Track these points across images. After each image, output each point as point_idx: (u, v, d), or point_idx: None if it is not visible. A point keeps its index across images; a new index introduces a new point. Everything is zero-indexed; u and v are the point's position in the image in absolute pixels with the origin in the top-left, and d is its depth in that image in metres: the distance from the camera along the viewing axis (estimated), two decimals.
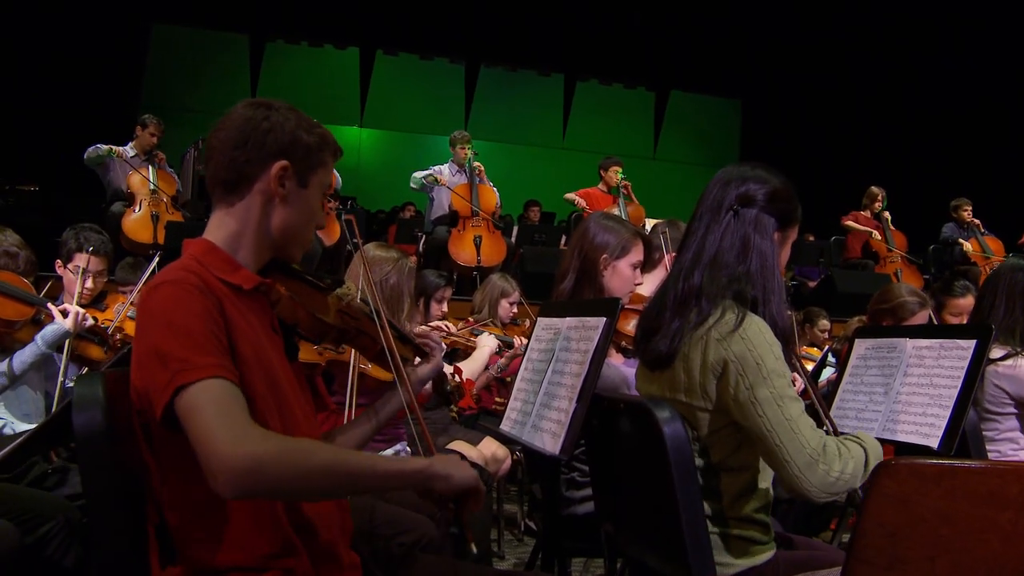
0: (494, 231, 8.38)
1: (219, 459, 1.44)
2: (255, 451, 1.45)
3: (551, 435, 2.18)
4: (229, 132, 1.77)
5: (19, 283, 3.11)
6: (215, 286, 1.67)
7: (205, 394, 1.50)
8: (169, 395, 1.51)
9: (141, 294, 1.64)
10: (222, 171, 1.77)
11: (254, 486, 1.47)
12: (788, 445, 1.90)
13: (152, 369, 1.55)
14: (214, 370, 1.53)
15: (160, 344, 1.55)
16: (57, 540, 2.67)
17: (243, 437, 1.47)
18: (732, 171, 2.15)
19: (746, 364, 1.93)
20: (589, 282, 3.04)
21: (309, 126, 1.82)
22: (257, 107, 1.80)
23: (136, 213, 7.74)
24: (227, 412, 1.50)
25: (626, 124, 17.41)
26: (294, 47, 15.77)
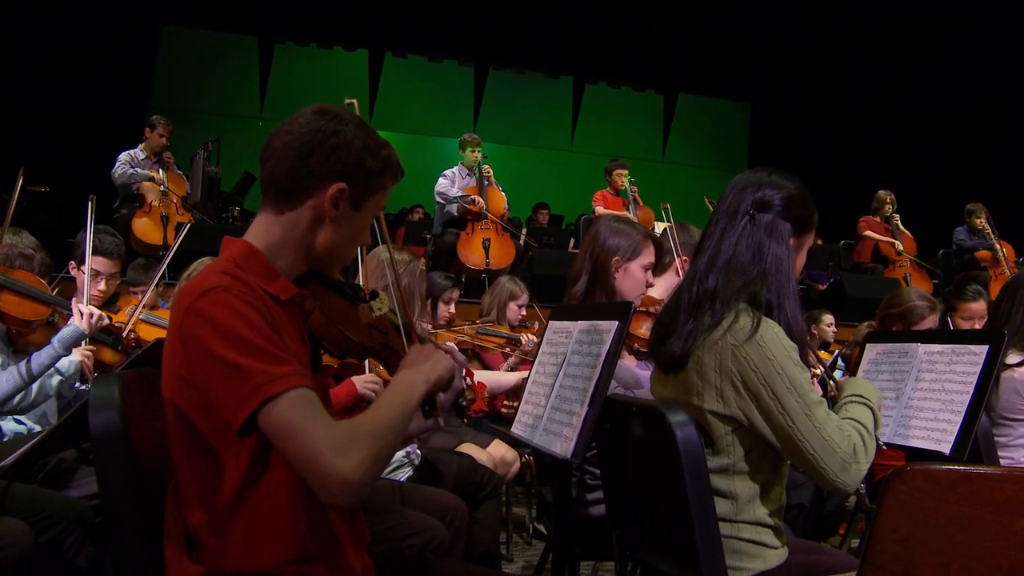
0: (502, 234, 8.39)
1: (337, 478, 1.48)
2: (362, 457, 1.50)
3: (563, 438, 2.18)
4: (294, 138, 1.74)
5: (36, 283, 3.13)
6: (256, 292, 1.66)
7: (294, 409, 1.52)
8: (254, 407, 1.51)
9: (185, 297, 1.60)
10: (280, 176, 1.75)
11: (369, 488, 1.53)
12: (822, 453, 1.94)
13: (223, 381, 1.54)
14: (295, 379, 1.54)
15: (229, 356, 1.54)
16: (70, 540, 2.67)
17: (345, 447, 1.50)
18: (749, 176, 2.16)
19: (768, 373, 1.94)
20: (601, 285, 3.05)
21: (375, 148, 1.79)
22: (327, 117, 1.76)
23: (146, 215, 7.76)
24: (319, 424, 1.52)
25: (635, 127, 17.37)
26: (303, 49, 15.76)
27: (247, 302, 1.60)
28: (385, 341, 2.00)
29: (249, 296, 1.62)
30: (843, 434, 1.96)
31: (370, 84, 15.92)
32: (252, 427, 1.53)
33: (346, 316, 1.89)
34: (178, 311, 1.63)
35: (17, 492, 2.66)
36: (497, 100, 16.59)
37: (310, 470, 1.49)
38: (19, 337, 3.26)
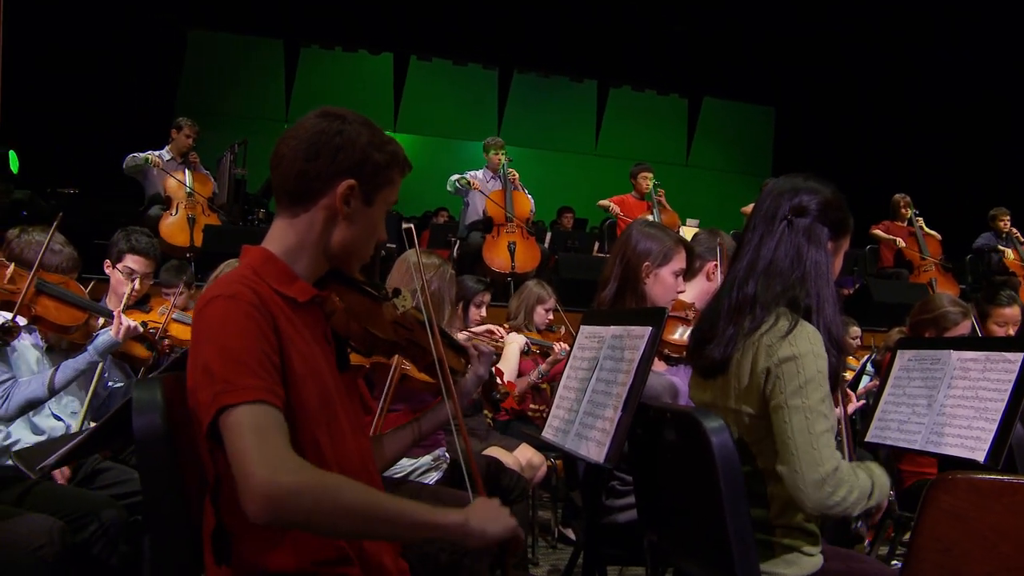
0: (528, 237, 8.39)
1: (252, 484, 1.46)
2: (288, 481, 1.46)
3: (596, 443, 2.19)
4: (300, 142, 1.77)
5: (76, 290, 3.15)
6: (270, 300, 1.68)
7: (246, 418, 1.51)
8: (213, 413, 1.52)
9: (198, 303, 1.64)
10: (289, 181, 1.78)
11: (283, 515, 1.47)
12: (804, 457, 1.91)
13: (201, 384, 1.56)
14: (258, 393, 1.54)
15: (209, 361, 1.56)
16: (104, 539, 2.70)
17: (278, 466, 1.47)
18: (785, 182, 2.17)
19: (787, 369, 1.95)
20: (631, 289, 3.04)
21: (381, 143, 1.82)
22: (330, 118, 1.78)
23: (173, 216, 7.79)
24: (265, 438, 1.50)
25: (659, 131, 17.34)
26: (328, 52, 15.82)
27: (245, 312, 1.62)
28: (411, 337, 2.02)
29: (253, 306, 1.63)
30: (833, 455, 1.93)
31: (395, 87, 15.98)
32: (217, 435, 1.54)
33: (370, 314, 1.91)
34: (192, 319, 1.68)
35: (53, 491, 2.70)
36: (521, 103, 16.60)
37: (235, 470, 1.49)
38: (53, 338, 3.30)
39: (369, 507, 1.54)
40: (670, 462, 2.27)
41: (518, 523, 3.04)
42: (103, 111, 12.10)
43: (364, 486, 1.58)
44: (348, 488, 1.54)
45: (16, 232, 3.49)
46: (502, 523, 1.68)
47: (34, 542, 2.32)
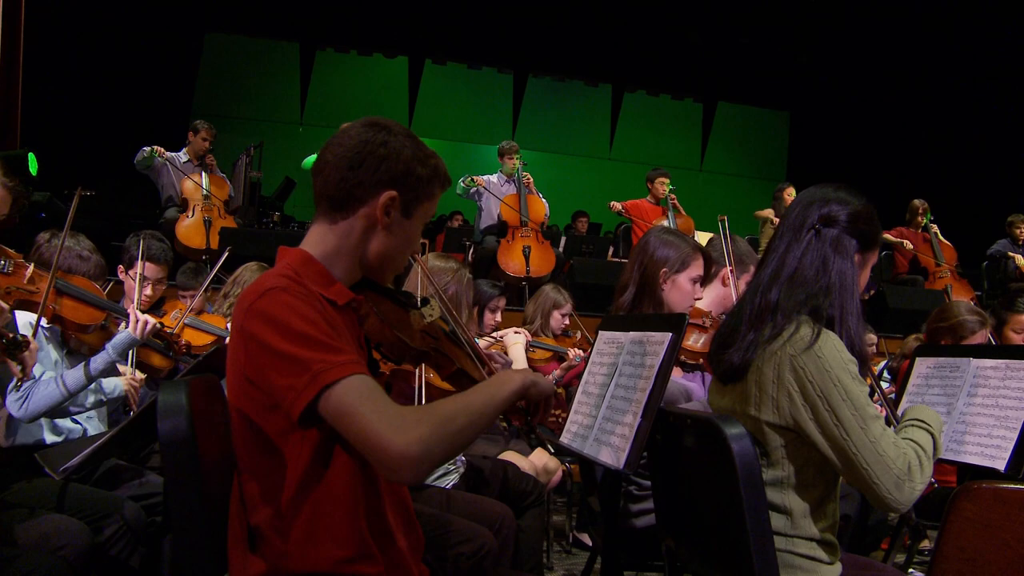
0: (543, 242, 8.38)
1: (393, 453, 1.51)
2: (423, 434, 1.52)
3: (615, 449, 2.18)
4: (344, 150, 1.80)
5: (93, 289, 3.18)
6: (315, 294, 1.71)
7: (352, 392, 1.56)
8: (313, 395, 1.55)
9: (245, 300, 1.67)
10: (331, 187, 1.80)
11: (432, 465, 1.55)
12: (875, 467, 1.92)
13: (281, 374, 1.59)
14: (353, 367, 1.59)
15: (287, 348, 1.59)
16: (124, 540, 2.72)
17: (404, 425, 1.53)
18: (815, 191, 2.17)
19: (825, 385, 1.94)
20: (649, 296, 3.05)
21: (424, 157, 1.85)
22: (376, 129, 1.82)
23: (189, 218, 7.83)
24: (379, 406, 1.55)
25: (673, 135, 17.30)
26: (343, 56, 15.85)
27: (303, 299, 1.66)
28: (437, 346, 2.04)
29: (307, 295, 1.68)
30: (898, 451, 1.95)
31: (409, 91, 16.01)
32: (313, 416, 1.58)
33: (401, 322, 1.93)
34: (239, 314, 1.70)
35: (75, 492, 2.72)
36: (536, 107, 16.61)
37: (368, 447, 1.53)
38: (72, 338, 3.32)
39: (472, 413, 1.63)
40: (689, 468, 2.27)
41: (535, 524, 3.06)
42: (119, 113, 12.15)
43: (455, 400, 1.66)
44: (453, 409, 1.62)
45: (47, 236, 3.53)
46: (544, 378, 1.81)
47: (57, 542, 2.34)
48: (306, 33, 15.13)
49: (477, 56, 15.94)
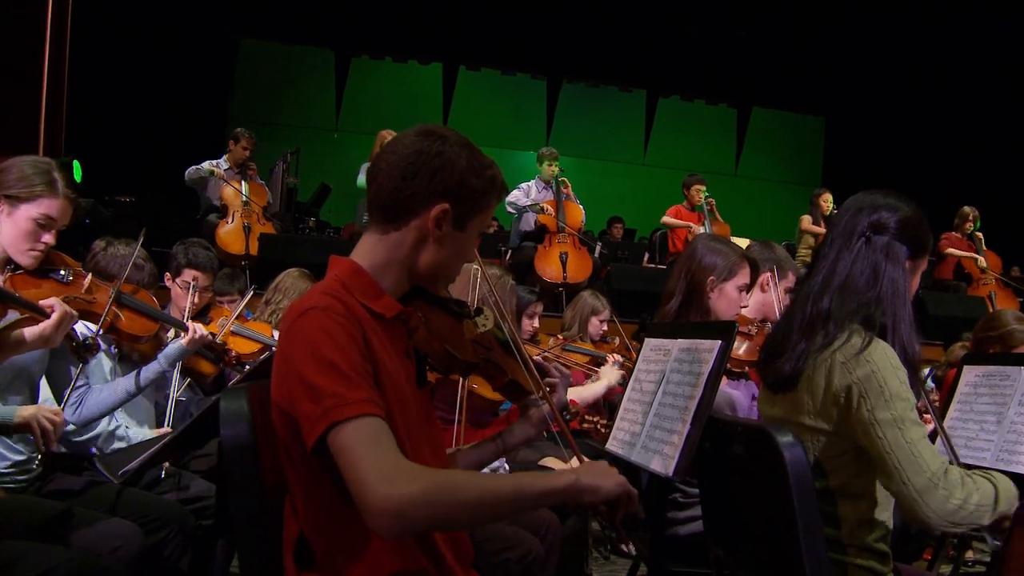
0: (580, 248, 8.38)
1: (374, 501, 1.46)
2: (407, 491, 1.47)
3: (663, 457, 2.19)
4: (398, 159, 1.76)
5: (149, 301, 3.22)
6: (358, 312, 1.69)
7: (357, 433, 1.52)
8: (322, 430, 1.53)
9: (288, 316, 1.67)
10: (384, 196, 1.77)
11: (410, 525, 1.49)
12: (907, 467, 1.90)
13: (302, 400, 1.57)
14: (365, 407, 1.55)
15: (310, 376, 1.57)
16: (173, 544, 2.76)
17: (395, 478, 1.48)
18: (864, 198, 2.16)
19: (869, 386, 1.94)
20: (695, 303, 3.05)
21: (480, 167, 1.82)
22: (431, 138, 1.78)
23: (229, 225, 7.91)
24: (378, 452, 1.51)
25: (708, 141, 17.24)
26: (378, 62, 15.93)
27: (341, 324, 1.63)
28: (489, 357, 2.02)
29: (345, 319, 1.64)
30: (938, 459, 1.92)
31: (444, 97, 16.07)
32: (324, 448, 1.55)
33: (451, 332, 1.91)
34: (282, 330, 1.69)
35: (128, 496, 2.76)
36: (570, 113, 16.60)
37: (354, 490, 1.50)
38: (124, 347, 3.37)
39: (486, 494, 1.54)
40: (739, 476, 2.27)
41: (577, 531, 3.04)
42: (157, 120, 12.31)
43: (476, 475, 1.63)
44: (464, 481, 1.56)
45: (103, 245, 3.58)
46: (614, 479, 1.65)
47: (112, 543, 2.38)
48: (341, 40, 15.22)
49: (511, 62, 15.97)
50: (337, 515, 1.68)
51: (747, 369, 3.23)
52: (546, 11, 14.16)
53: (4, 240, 2.67)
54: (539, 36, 14.83)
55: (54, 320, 2.42)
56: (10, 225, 2.66)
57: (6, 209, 2.65)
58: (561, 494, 1.61)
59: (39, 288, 2.73)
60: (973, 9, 12.44)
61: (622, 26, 14.63)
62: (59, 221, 2.73)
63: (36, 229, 2.68)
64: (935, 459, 1.92)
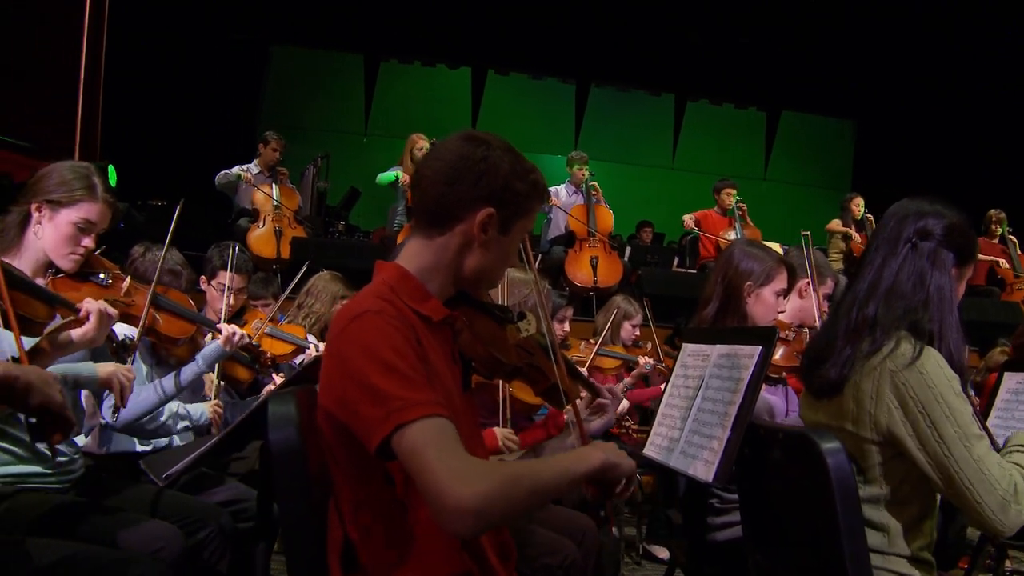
0: (611, 252, 8.38)
1: (453, 502, 1.47)
2: (483, 489, 1.48)
3: (703, 462, 2.18)
4: (442, 164, 1.78)
5: (185, 302, 3.25)
6: (408, 316, 1.70)
7: (425, 434, 1.53)
8: (387, 432, 1.54)
9: (340, 320, 1.67)
10: (429, 202, 1.79)
11: (488, 522, 1.51)
12: (979, 487, 1.88)
13: (363, 403, 1.58)
14: (431, 408, 1.56)
15: (371, 378, 1.58)
16: (212, 545, 2.77)
17: (469, 476, 1.49)
18: (909, 205, 2.15)
19: (927, 401, 1.92)
20: (733, 309, 3.04)
21: (523, 171, 1.82)
22: (475, 143, 1.79)
23: (260, 229, 7.98)
24: (449, 452, 1.52)
25: (737, 145, 17.14)
26: (407, 67, 15.95)
27: (396, 327, 1.64)
28: (532, 362, 2.03)
29: (399, 321, 1.66)
30: (1003, 471, 1.91)
31: (472, 101, 16.10)
32: (388, 451, 1.56)
33: (495, 337, 1.93)
34: (334, 334, 1.69)
35: (169, 498, 2.79)
36: (599, 117, 16.57)
37: (428, 492, 1.50)
38: (162, 349, 3.40)
39: (543, 481, 1.58)
40: (780, 482, 2.25)
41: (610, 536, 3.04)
42: (188, 125, 12.41)
43: (529, 464, 1.65)
44: (523, 471, 1.59)
45: (141, 250, 3.63)
46: (627, 460, 1.71)
47: (155, 545, 2.40)
48: (370, 44, 15.28)
49: (540, 66, 15.96)
50: (384, 519, 1.70)
51: (784, 375, 3.22)
52: (575, 15, 14.15)
53: (46, 244, 2.70)
54: (568, 40, 14.82)
55: (93, 320, 2.45)
56: (51, 229, 2.69)
57: (47, 214, 2.68)
58: (598, 471, 1.65)
59: (79, 291, 2.76)
60: (1005, 12, 12.32)
61: (651, 30, 14.60)
62: (98, 225, 2.77)
63: (76, 233, 2.71)
64: (1003, 474, 1.91)
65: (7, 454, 2.51)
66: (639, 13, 14.16)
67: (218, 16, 13.01)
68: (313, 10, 13.95)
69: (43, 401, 1.75)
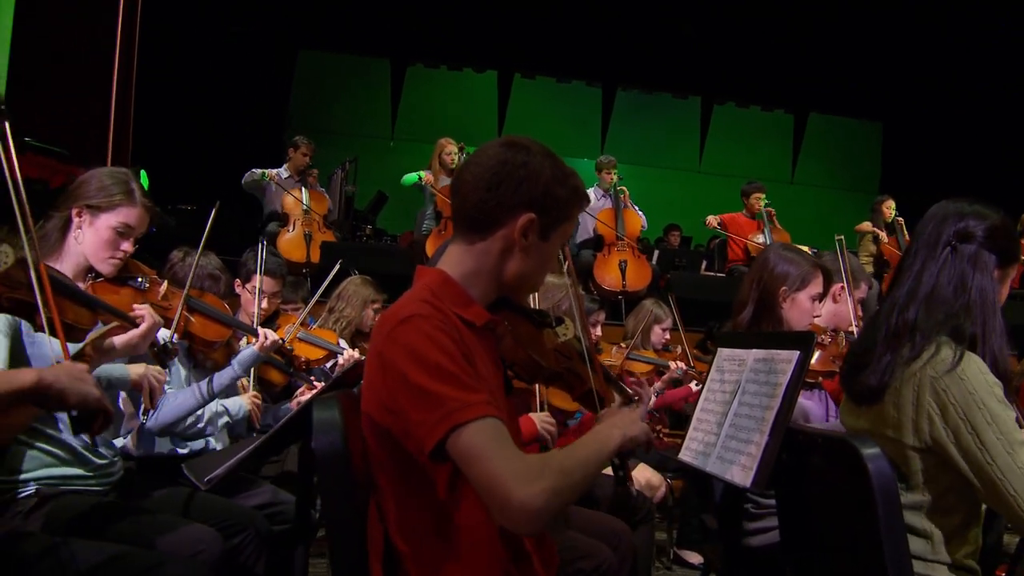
0: (639, 256, 8.36)
1: (515, 501, 1.50)
2: (544, 487, 1.51)
3: (741, 468, 2.17)
4: (483, 170, 1.79)
5: (221, 307, 3.28)
6: (453, 320, 1.71)
7: (481, 435, 1.55)
8: (442, 434, 1.55)
9: (385, 325, 1.69)
10: (470, 208, 1.80)
11: (548, 517, 1.53)
12: (1023, 494, 1.85)
13: (415, 406, 1.59)
14: (484, 408, 1.57)
15: (423, 382, 1.59)
16: (249, 549, 2.79)
17: (528, 475, 1.52)
18: (949, 207, 2.12)
19: (968, 408, 1.89)
20: (768, 313, 3.04)
21: (563, 177, 1.83)
22: (515, 149, 1.80)
23: (290, 233, 8.03)
24: (506, 452, 1.55)
25: (764, 147, 17.07)
26: (433, 71, 16.02)
27: (443, 330, 1.65)
28: (570, 366, 2.04)
29: (445, 324, 1.66)
30: None
31: (499, 105, 16.14)
32: (442, 453, 1.57)
33: (534, 341, 1.94)
34: (378, 338, 1.70)
35: (206, 501, 2.81)
36: (625, 120, 16.56)
37: (491, 495, 1.52)
38: (199, 354, 3.43)
39: (584, 466, 1.62)
40: (819, 488, 2.25)
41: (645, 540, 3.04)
42: (217, 129, 12.51)
43: (569, 451, 1.65)
44: (567, 460, 1.61)
45: (180, 255, 3.66)
46: (640, 426, 1.77)
47: (195, 548, 2.42)
48: (396, 49, 15.35)
49: (566, 69, 15.98)
50: (428, 523, 1.71)
51: (820, 380, 3.21)
52: (600, 18, 14.15)
53: (86, 248, 2.73)
54: (594, 43, 14.83)
55: (143, 328, 2.49)
56: (91, 234, 2.73)
57: (87, 219, 2.71)
58: (623, 446, 1.73)
59: (118, 295, 2.79)
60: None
61: (677, 34, 14.57)
62: (137, 229, 2.81)
63: (116, 237, 2.75)
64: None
65: (49, 456, 2.54)
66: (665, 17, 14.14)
67: (249, 23, 13.10)
68: (340, 15, 14.04)
69: (80, 399, 1.78)
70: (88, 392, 1.79)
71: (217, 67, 12.74)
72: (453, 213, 1.87)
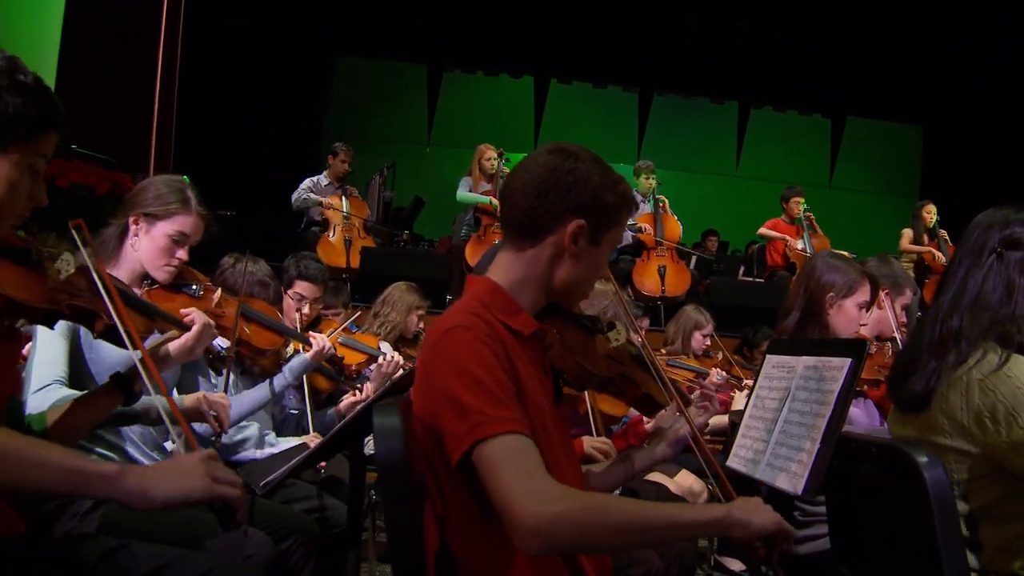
0: (678, 261, 8.34)
1: (520, 519, 1.49)
2: (553, 511, 1.49)
3: (791, 475, 2.16)
4: (532, 177, 1.80)
5: (273, 314, 3.31)
6: (499, 331, 1.72)
7: (503, 450, 1.55)
8: (468, 446, 1.57)
9: (432, 334, 1.72)
10: (519, 215, 1.81)
11: (552, 544, 1.51)
12: None
13: (448, 416, 1.61)
14: (511, 424, 1.58)
15: (457, 392, 1.60)
16: (298, 554, 2.82)
17: (541, 496, 1.51)
18: (995, 214, 2.11)
19: (1018, 404, 1.87)
20: (814, 320, 3.03)
21: (612, 183, 1.84)
22: (564, 156, 1.81)
23: (331, 238, 8.10)
24: (525, 470, 1.54)
25: (801, 152, 16.97)
26: (470, 76, 16.10)
27: (485, 343, 1.66)
28: (623, 372, 2.04)
29: (489, 337, 1.67)
30: None
31: (535, 110, 16.17)
32: (469, 465, 1.58)
33: (585, 348, 1.94)
34: (425, 348, 1.73)
35: (257, 505, 2.84)
36: (662, 125, 16.54)
37: (501, 508, 1.52)
38: (248, 360, 3.47)
39: (634, 520, 1.56)
40: (871, 496, 2.24)
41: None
42: (256, 136, 12.63)
43: (625, 500, 1.63)
44: (613, 506, 1.58)
45: (231, 262, 3.70)
46: (767, 516, 1.65)
47: (246, 551, 2.45)
48: (433, 55, 15.42)
49: (602, 75, 15.98)
50: (482, 528, 1.71)
51: (865, 388, 3.19)
52: (636, 23, 14.14)
53: (142, 256, 2.78)
54: (630, 49, 14.80)
55: (196, 331, 2.52)
56: (148, 241, 2.77)
57: (144, 227, 2.76)
58: (711, 526, 1.65)
59: (173, 302, 2.83)
60: None
61: (713, 38, 14.51)
62: (192, 237, 2.85)
63: (171, 245, 2.79)
64: None
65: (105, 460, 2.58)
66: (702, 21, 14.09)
67: (288, 31, 13.23)
68: (377, 22, 14.13)
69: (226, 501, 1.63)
70: (230, 494, 1.64)
71: (257, 74, 12.87)
72: (502, 221, 1.88)
